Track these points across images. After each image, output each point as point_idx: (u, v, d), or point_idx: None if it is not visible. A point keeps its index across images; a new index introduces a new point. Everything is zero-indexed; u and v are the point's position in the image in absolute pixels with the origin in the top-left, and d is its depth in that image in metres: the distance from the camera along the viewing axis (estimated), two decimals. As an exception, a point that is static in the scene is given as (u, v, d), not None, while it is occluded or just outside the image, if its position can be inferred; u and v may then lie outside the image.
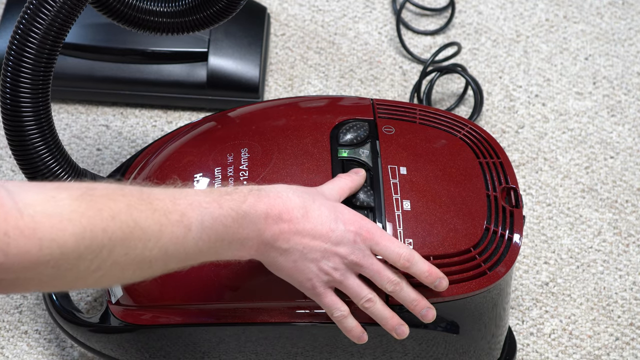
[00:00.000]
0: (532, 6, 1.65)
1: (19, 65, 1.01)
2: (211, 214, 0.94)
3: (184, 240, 0.91)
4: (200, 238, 0.93)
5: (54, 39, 1.01)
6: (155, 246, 0.89)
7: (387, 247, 1.03)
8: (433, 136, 1.18)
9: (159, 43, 1.46)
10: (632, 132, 1.50)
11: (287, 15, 1.62)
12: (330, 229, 1.01)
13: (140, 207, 0.88)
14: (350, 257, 1.02)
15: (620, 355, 1.29)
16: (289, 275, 1.02)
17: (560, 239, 1.39)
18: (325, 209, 1.02)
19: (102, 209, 0.84)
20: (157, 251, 0.89)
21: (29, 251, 0.79)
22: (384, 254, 1.03)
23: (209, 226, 0.93)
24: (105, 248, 0.84)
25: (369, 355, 1.13)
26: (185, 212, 0.92)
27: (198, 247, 0.93)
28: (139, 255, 0.88)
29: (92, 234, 0.83)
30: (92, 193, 0.85)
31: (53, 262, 0.81)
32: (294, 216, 0.99)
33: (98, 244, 0.84)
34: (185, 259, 0.93)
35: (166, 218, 0.90)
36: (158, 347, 1.13)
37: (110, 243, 0.84)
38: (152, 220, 0.88)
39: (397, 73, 1.56)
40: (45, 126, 1.03)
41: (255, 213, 0.97)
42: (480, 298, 1.11)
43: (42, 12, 1.00)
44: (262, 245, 0.99)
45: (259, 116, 1.21)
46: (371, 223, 1.04)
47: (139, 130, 1.47)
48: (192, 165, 1.15)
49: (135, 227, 0.87)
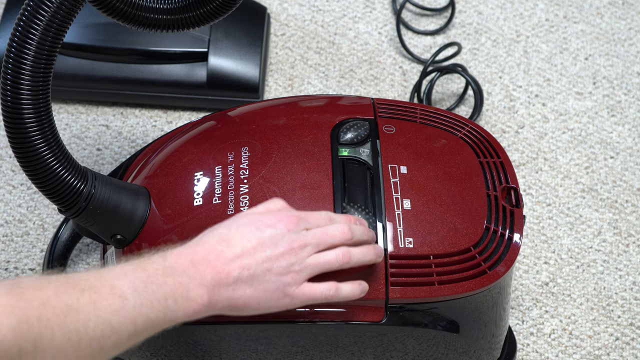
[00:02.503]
0: (532, 6, 1.65)
1: (19, 63, 1.00)
2: (139, 277, 0.92)
3: (125, 311, 0.89)
4: (142, 303, 0.91)
5: (54, 37, 1.01)
6: (98, 323, 0.87)
7: (316, 219, 1.03)
8: (434, 135, 1.18)
9: (159, 43, 1.46)
10: (632, 132, 1.50)
11: (287, 15, 1.62)
12: (258, 239, 1.00)
13: (68, 291, 0.87)
14: (294, 246, 1.01)
15: (620, 355, 1.29)
16: (259, 302, 1.00)
17: (560, 239, 1.39)
18: (243, 227, 1.01)
19: (31, 299, 0.83)
20: (101, 328, 0.87)
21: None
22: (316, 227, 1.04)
23: (143, 289, 0.92)
24: (45, 336, 0.83)
25: (369, 354, 1.13)
26: (114, 284, 0.90)
27: (144, 314, 0.91)
28: (84, 337, 0.86)
29: (27, 324, 0.81)
30: (19, 286, 0.84)
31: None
32: (219, 250, 0.98)
33: (36, 334, 0.82)
34: (137, 331, 0.91)
35: (97, 294, 0.88)
36: (159, 346, 1.13)
37: (48, 331, 0.83)
38: (83, 300, 0.87)
39: (397, 73, 1.56)
40: (46, 124, 1.03)
41: (180, 264, 0.96)
42: (480, 297, 1.11)
43: (40, 10, 1.00)
44: (211, 289, 0.97)
45: (260, 115, 1.21)
46: (291, 210, 1.04)
47: (139, 130, 1.47)
48: (192, 164, 1.15)
49: (69, 309, 0.85)
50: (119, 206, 1.09)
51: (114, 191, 1.09)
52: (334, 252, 1.03)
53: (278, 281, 1.00)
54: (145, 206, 1.11)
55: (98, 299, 0.88)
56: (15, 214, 1.38)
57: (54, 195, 1.06)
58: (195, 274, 0.96)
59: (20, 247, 1.35)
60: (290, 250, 1.01)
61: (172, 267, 0.95)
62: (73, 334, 0.85)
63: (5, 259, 1.33)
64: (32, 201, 1.39)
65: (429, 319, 1.11)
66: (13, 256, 1.34)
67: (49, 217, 1.37)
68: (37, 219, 1.37)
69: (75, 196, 1.07)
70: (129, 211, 1.10)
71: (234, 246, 0.99)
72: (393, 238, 1.08)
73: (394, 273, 1.08)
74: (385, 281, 1.08)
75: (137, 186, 1.14)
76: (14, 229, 1.36)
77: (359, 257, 1.04)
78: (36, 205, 1.38)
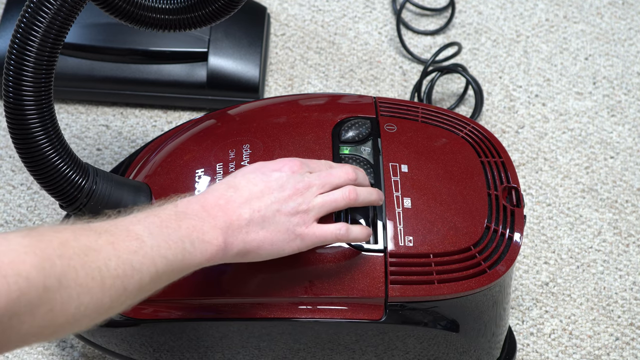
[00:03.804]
0: (532, 6, 1.65)
1: (21, 63, 1.01)
2: (153, 222, 0.94)
3: (143, 251, 0.90)
4: (159, 245, 0.92)
5: (55, 36, 1.01)
6: (119, 263, 0.88)
7: (317, 164, 1.06)
8: (435, 135, 1.18)
9: (159, 43, 1.46)
10: (632, 132, 1.50)
11: (287, 15, 1.62)
12: (265, 183, 1.02)
13: (85, 233, 0.88)
14: (299, 186, 1.03)
15: (620, 355, 1.29)
16: (272, 243, 1.02)
17: (560, 239, 1.39)
18: (249, 173, 1.03)
19: (50, 239, 0.84)
20: (123, 268, 0.88)
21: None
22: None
23: (158, 233, 0.93)
24: (68, 274, 0.83)
25: (370, 352, 1.13)
26: (129, 228, 0.92)
27: (163, 255, 0.92)
28: (106, 275, 0.86)
29: (50, 262, 0.82)
30: (37, 230, 0.85)
31: (23, 299, 0.79)
32: (229, 196, 1.00)
33: (59, 271, 0.82)
34: (159, 273, 0.92)
35: (113, 237, 0.89)
36: (161, 342, 1.13)
37: (70, 269, 0.83)
38: (102, 241, 0.88)
39: (397, 73, 1.56)
40: (49, 122, 1.03)
41: (192, 209, 0.98)
42: (480, 297, 1.11)
43: (42, 10, 1.00)
44: (225, 232, 0.98)
45: (261, 113, 1.21)
46: (294, 159, 1.05)
47: (139, 130, 1.47)
48: (193, 161, 1.15)
49: (88, 249, 0.86)
50: (120, 202, 1.09)
51: (115, 187, 1.09)
52: (340, 190, 1.05)
53: (288, 221, 1.02)
54: (147, 202, 1.11)
55: (115, 241, 0.89)
56: (15, 214, 1.38)
57: (55, 191, 1.06)
58: (208, 218, 0.98)
59: (20, 247, 1.34)
60: (296, 191, 1.03)
61: (184, 212, 0.97)
62: (96, 272, 0.85)
63: (5, 259, 1.33)
64: (32, 201, 1.39)
65: (429, 318, 1.11)
66: (13, 256, 1.34)
67: (49, 217, 1.37)
68: (37, 219, 1.37)
69: (77, 192, 1.07)
70: (130, 207, 1.10)
71: (242, 190, 1.01)
72: (393, 236, 1.08)
73: (394, 271, 1.08)
74: (385, 279, 1.08)
75: (138, 182, 1.14)
76: (14, 229, 1.36)
77: (365, 195, 1.06)
78: (36, 205, 1.38)
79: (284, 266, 1.06)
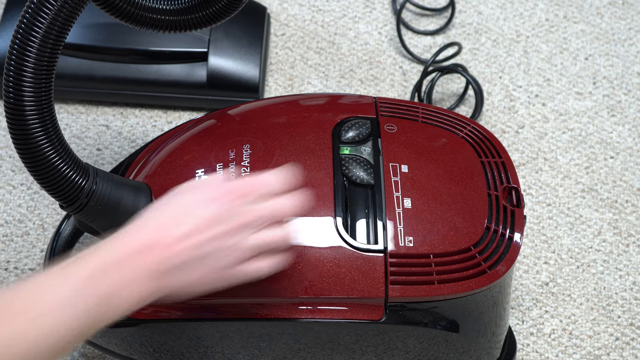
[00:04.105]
0: (532, 6, 1.65)
1: (21, 64, 1.00)
2: (73, 305, 0.91)
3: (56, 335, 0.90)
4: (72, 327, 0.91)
5: (56, 37, 1.01)
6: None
7: (250, 188, 1.01)
8: (435, 135, 1.18)
9: (159, 43, 1.46)
10: (632, 132, 1.50)
11: (287, 15, 1.62)
12: (201, 216, 0.98)
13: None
14: (239, 222, 0.99)
15: (620, 355, 1.29)
16: (208, 282, 0.99)
17: (560, 239, 1.39)
18: (182, 202, 1.00)
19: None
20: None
21: None
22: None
23: (70, 313, 0.91)
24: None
25: (370, 352, 1.13)
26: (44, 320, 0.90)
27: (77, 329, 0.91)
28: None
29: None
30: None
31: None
32: (159, 235, 0.97)
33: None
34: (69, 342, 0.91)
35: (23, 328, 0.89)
36: (161, 342, 1.13)
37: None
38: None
39: (397, 73, 1.56)
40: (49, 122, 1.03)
41: (113, 260, 0.95)
42: (480, 297, 1.11)
43: (43, 11, 1.00)
44: (154, 277, 0.95)
45: (261, 113, 1.21)
46: (223, 181, 1.02)
47: (139, 130, 1.47)
48: (193, 161, 1.15)
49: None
50: (120, 202, 1.09)
51: (116, 187, 1.09)
52: (272, 231, 1.00)
53: (223, 259, 0.98)
54: (147, 203, 1.11)
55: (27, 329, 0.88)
56: (15, 214, 1.38)
57: (55, 191, 1.06)
58: (133, 265, 0.95)
59: (20, 247, 1.34)
60: (230, 230, 0.99)
61: (104, 270, 0.94)
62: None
63: (5, 259, 1.33)
64: (32, 201, 1.39)
65: (429, 318, 1.11)
66: (13, 256, 1.34)
67: (48, 217, 1.37)
68: (37, 219, 1.37)
69: (77, 192, 1.07)
70: (130, 207, 1.10)
71: (177, 224, 0.97)
72: (393, 237, 1.08)
73: (394, 272, 1.08)
74: (385, 280, 1.08)
75: (138, 182, 1.14)
76: (14, 229, 1.36)
77: (271, 235, 1.01)
78: (36, 205, 1.38)
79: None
